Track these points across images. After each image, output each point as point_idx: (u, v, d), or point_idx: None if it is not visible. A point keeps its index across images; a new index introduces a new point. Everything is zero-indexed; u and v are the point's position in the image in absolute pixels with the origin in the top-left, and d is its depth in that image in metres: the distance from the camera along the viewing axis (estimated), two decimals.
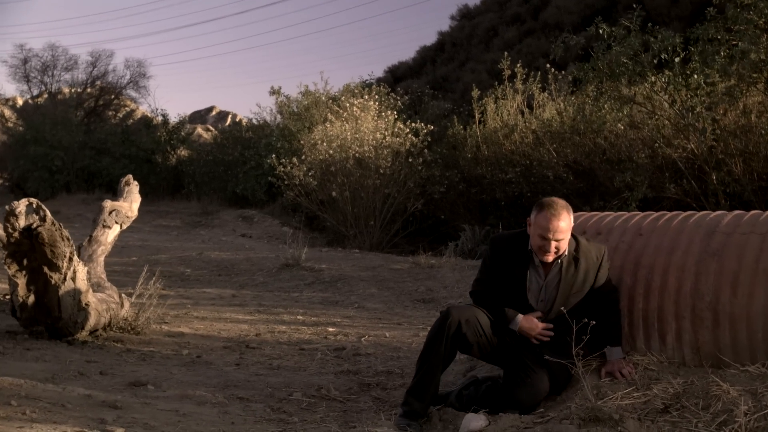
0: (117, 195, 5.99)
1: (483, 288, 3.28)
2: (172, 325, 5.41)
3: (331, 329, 5.56)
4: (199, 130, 29.93)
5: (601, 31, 7.82)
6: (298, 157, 12.27)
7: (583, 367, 2.96)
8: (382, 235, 12.07)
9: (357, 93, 13.77)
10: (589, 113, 9.13)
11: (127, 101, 27.45)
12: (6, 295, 5.06)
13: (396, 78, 25.39)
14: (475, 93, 11.66)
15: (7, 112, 26.48)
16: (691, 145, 7.95)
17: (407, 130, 11.84)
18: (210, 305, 6.59)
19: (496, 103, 11.67)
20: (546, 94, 11.64)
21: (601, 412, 2.65)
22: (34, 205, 3.95)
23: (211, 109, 43.18)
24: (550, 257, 3.09)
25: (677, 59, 7.64)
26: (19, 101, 29.25)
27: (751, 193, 7.57)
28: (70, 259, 4.20)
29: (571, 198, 8.83)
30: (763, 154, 7.74)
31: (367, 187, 11.84)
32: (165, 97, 60.51)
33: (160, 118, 22.20)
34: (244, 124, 22.09)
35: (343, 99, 13.37)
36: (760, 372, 2.81)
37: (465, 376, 3.65)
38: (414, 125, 11.97)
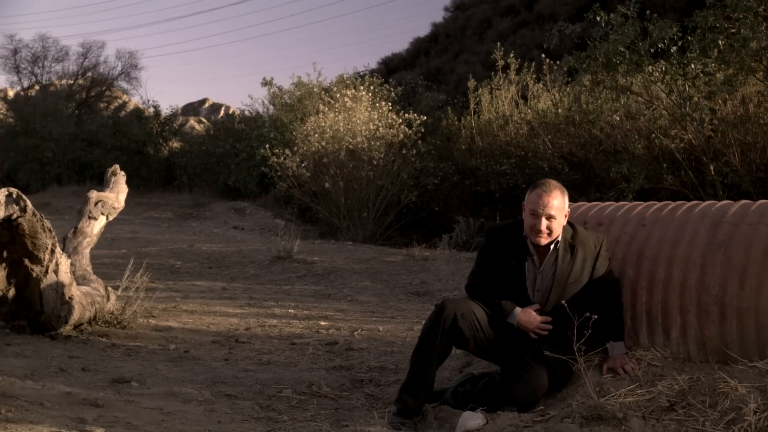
0: (104, 185, 5.83)
1: (479, 281, 3.19)
2: (160, 319, 5.29)
3: (323, 323, 5.46)
4: (192, 122, 29.78)
5: (598, 18, 7.71)
6: (291, 149, 12.13)
7: (585, 362, 2.84)
8: (376, 227, 11.96)
9: (350, 84, 13.63)
10: (585, 103, 9.03)
11: (118, 93, 27.26)
12: None
13: (390, 69, 25.19)
14: (471, 84, 11.57)
15: None
16: (688, 136, 7.85)
17: (400, 121, 11.71)
18: (199, 298, 6.47)
19: (491, 93, 11.56)
20: (541, 84, 11.53)
21: (604, 411, 2.53)
22: (14, 196, 3.80)
23: (204, 101, 42.86)
24: (543, 239, 3.01)
25: (674, 48, 7.55)
26: (10, 93, 29.00)
27: (749, 184, 7.48)
28: (53, 251, 4.07)
29: (567, 189, 8.69)
30: (761, 144, 7.66)
31: (360, 179, 11.72)
32: (157, 89, 59.99)
33: (152, 110, 22.02)
34: (236, 116, 21.91)
35: (335, 90, 13.22)
36: None
37: (461, 373, 3.53)
38: (407, 116, 11.84)
